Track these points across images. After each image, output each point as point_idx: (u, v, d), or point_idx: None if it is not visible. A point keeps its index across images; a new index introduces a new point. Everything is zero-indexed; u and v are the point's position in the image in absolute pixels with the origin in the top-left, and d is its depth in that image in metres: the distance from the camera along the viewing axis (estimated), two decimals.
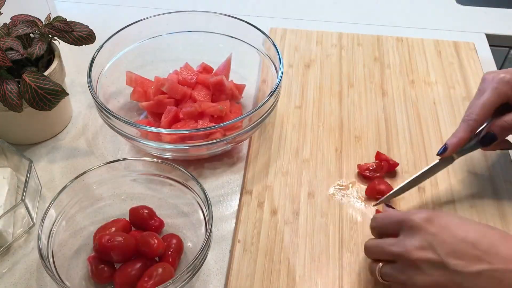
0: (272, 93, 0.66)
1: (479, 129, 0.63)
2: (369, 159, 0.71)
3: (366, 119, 0.78)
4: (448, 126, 0.76)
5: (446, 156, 0.63)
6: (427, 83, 0.84)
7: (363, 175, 0.69)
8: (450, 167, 0.70)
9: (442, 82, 0.84)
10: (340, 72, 0.86)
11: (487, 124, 0.63)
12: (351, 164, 0.71)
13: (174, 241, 0.59)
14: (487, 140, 0.62)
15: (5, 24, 0.69)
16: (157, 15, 0.78)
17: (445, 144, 0.62)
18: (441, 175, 0.69)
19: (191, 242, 0.61)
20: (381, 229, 0.55)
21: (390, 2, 1.06)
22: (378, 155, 0.70)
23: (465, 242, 0.47)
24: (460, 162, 0.71)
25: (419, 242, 0.49)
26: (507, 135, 0.63)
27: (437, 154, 0.63)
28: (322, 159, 0.72)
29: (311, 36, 0.94)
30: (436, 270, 0.48)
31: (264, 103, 0.65)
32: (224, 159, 0.73)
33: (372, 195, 0.66)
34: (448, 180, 0.69)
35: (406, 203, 0.66)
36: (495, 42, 0.97)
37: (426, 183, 0.68)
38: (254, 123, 0.66)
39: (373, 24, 1.00)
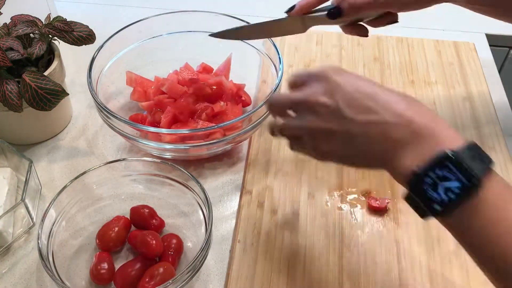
0: (272, 93, 0.66)
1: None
2: None
3: None
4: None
5: (293, 15, 0.63)
6: (427, 83, 0.84)
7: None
8: None
9: (442, 82, 0.84)
10: None
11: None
12: None
13: (174, 241, 0.59)
14: (333, 14, 0.61)
15: (5, 24, 0.69)
16: (157, 15, 0.78)
17: (294, 4, 0.63)
18: None
19: (191, 242, 0.61)
20: (299, 82, 0.53)
21: None
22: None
23: (364, 93, 0.46)
24: None
25: (322, 88, 0.48)
26: (355, 15, 0.62)
27: (285, 12, 0.63)
28: None
29: (311, 36, 0.94)
30: (331, 116, 0.47)
31: (264, 103, 0.65)
32: (224, 159, 0.73)
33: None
34: None
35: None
36: (495, 42, 0.97)
37: None
38: (254, 123, 0.66)
39: None
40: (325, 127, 0.48)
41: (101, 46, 0.73)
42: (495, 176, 0.42)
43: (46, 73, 0.67)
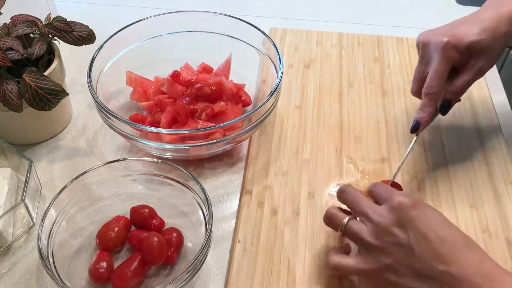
0: (272, 93, 0.66)
1: None
2: (369, 159, 0.71)
3: (366, 119, 0.78)
4: (448, 126, 0.76)
5: (420, 131, 0.65)
6: None
7: None
8: (450, 167, 0.70)
9: None
10: (340, 72, 0.86)
11: None
12: (351, 164, 0.71)
13: (175, 234, 0.59)
14: (445, 108, 0.65)
15: (5, 24, 0.69)
16: (157, 15, 0.78)
17: (416, 121, 0.64)
18: (441, 175, 0.69)
19: (191, 242, 0.61)
20: (372, 194, 0.56)
21: (390, 2, 1.06)
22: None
23: (436, 236, 0.48)
24: (460, 162, 0.71)
25: (395, 219, 0.50)
26: (460, 98, 0.66)
27: (411, 132, 0.65)
28: (322, 159, 0.72)
29: (311, 36, 0.94)
30: (400, 250, 0.49)
31: (264, 103, 0.65)
32: (224, 159, 0.73)
33: None
34: (448, 180, 0.69)
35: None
36: None
37: (426, 183, 0.68)
38: (254, 123, 0.66)
39: (373, 24, 1.00)
40: (393, 256, 0.50)
41: (101, 46, 0.73)
42: None
43: (46, 73, 0.67)
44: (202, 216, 0.61)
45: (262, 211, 0.65)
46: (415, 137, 0.65)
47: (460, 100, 0.67)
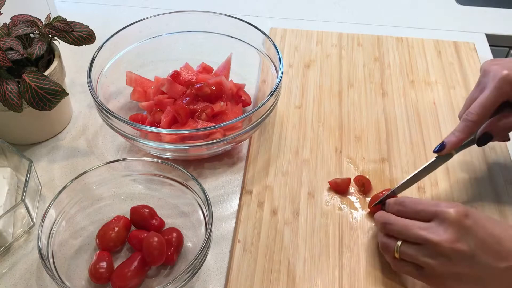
0: (272, 93, 0.66)
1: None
2: (369, 159, 0.71)
3: (366, 119, 0.78)
4: (448, 126, 0.76)
5: (443, 154, 0.63)
6: (427, 83, 0.84)
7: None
8: (450, 167, 0.70)
9: (442, 82, 0.84)
10: (340, 72, 0.86)
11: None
12: (351, 164, 0.71)
13: (175, 234, 0.59)
14: (483, 141, 0.62)
15: (5, 24, 0.69)
16: (157, 15, 0.78)
17: (442, 142, 0.62)
18: (440, 175, 0.69)
19: (191, 242, 0.61)
20: (408, 214, 0.56)
21: (390, 2, 1.06)
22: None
23: (493, 236, 0.50)
24: (460, 162, 0.71)
25: (454, 233, 0.51)
26: (504, 135, 0.63)
27: (434, 151, 0.63)
28: (322, 159, 0.72)
29: (311, 36, 0.94)
30: (465, 261, 0.50)
31: (264, 103, 0.65)
32: (224, 159, 0.73)
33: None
34: (448, 180, 0.69)
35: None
36: (495, 42, 0.97)
37: (426, 183, 0.68)
38: (254, 123, 0.66)
39: (373, 24, 1.00)
40: (456, 271, 0.51)
41: (101, 46, 0.73)
42: None
43: (46, 73, 0.67)
44: (202, 216, 0.61)
45: (262, 211, 0.65)
46: (434, 158, 0.63)
47: (509, 139, 0.65)
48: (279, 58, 0.71)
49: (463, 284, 0.52)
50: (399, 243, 0.54)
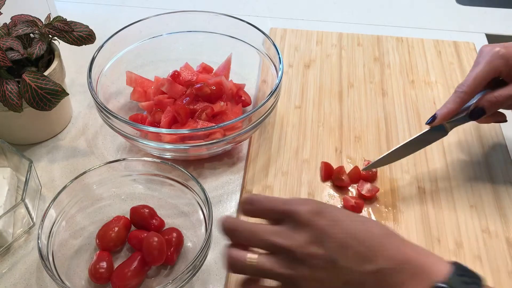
0: (272, 93, 0.66)
1: (471, 101, 0.64)
2: (369, 159, 0.71)
3: (366, 119, 0.78)
4: None
5: (434, 125, 0.64)
6: (427, 83, 0.84)
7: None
8: (450, 167, 0.70)
9: (442, 82, 0.84)
10: (340, 72, 0.86)
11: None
12: (351, 164, 0.71)
13: (175, 234, 0.59)
14: (475, 114, 0.63)
15: (5, 24, 0.69)
16: (157, 15, 0.78)
17: (434, 114, 0.63)
18: (440, 175, 0.69)
19: (191, 242, 0.61)
20: (258, 214, 0.49)
21: (390, 2, 1.06)
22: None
23: (354, 238, 0.45)
24: (460, 162, 0.71)
25: (308, 236, 0.45)
26: (495, 110, 0.64)
27: (426, 123, 0.64)
28: (322, 159, 0.72)
29: (311, 36, 0.94)
30: (324, 267, 0.44)
31: (264, 103, 0.65)
32: (224, 159, 0.73)
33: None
34: (448, 180, 0.69)
35: (405, 202, 0.66)
36: (495, 42, 0.97)
37: (426, 182, 0.68)
38: (254, 123, 0.66)
39: (373, 24, 1.00)
40: (317, 277, 0.44)
41: (101, 46, 0.73)
42: None
43: (46, 73, 0.67)
44: (202, 216, 0.61)
45: None
46: (425, 130, 0.64)
47: (506, 120, 0.66)
48: (279, 58, 0.71)
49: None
50: (253, 258, 0.46)
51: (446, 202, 0.66)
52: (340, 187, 0.68)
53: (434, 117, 0.63)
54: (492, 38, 0.96)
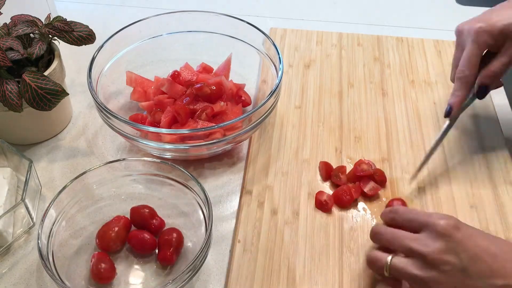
0: (272, 93, 0.66)
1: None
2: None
3: (366, 119, 0.78)
4: None
5: (453, 115, 0.66)
6: (427, 83, 0.84)
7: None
8: (450, 167, 0.70)
9: (442, 82, 0.84)
10: (340, 72, 0.86)
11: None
12: (351, 164, 0.71)
13: (175, 234, 0.59)
14: (482, 93, 0.66)
15: (5, 24, 0.69)
16: (157, 15, 0.78)
17: (448, 105, 0.66)
18: (441, 174, 0.69)
19: (191, 242, 0.61)
20: (400, 222, 0.55)
21: (390, 2, 1.06)
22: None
23: (487, 253, 0.49)
24: (460, 162, 0.71)
25: (443, 246, 0.49)
26: (496, 81, 0.66)
27: (445, 116, 0.66)
28: (322, 159, 0.72)
29: (311, 36, 0.94)
30: (455, 274, 0.48)
31: (264, 103, 0.65)
32: (224, 159, 0.73)
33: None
34: (448, 180, 0.69)
35: (405, 201, 0.66)
36: None
37: (426, 183, 0.68)
38: (254, 123, 0.66)
39: (373, 24, 1.00)
40: (447, 283, 0.49)
41: (101, 46, 0.73)
42: None
43: (46, 73, 0.67)
44: (202, 216, 0.61)
45: (262, 211, 0.65)
46: (447, 122, 0.66)
47: (502, 84, 0.68)
48: (279, 58, 0.71)
49: None
50: (389, 258, 0.52)
51: (446, 202, 0.66)
52: (339, 186, 0.68)
53: (450, 108, 0.65)
54: None
